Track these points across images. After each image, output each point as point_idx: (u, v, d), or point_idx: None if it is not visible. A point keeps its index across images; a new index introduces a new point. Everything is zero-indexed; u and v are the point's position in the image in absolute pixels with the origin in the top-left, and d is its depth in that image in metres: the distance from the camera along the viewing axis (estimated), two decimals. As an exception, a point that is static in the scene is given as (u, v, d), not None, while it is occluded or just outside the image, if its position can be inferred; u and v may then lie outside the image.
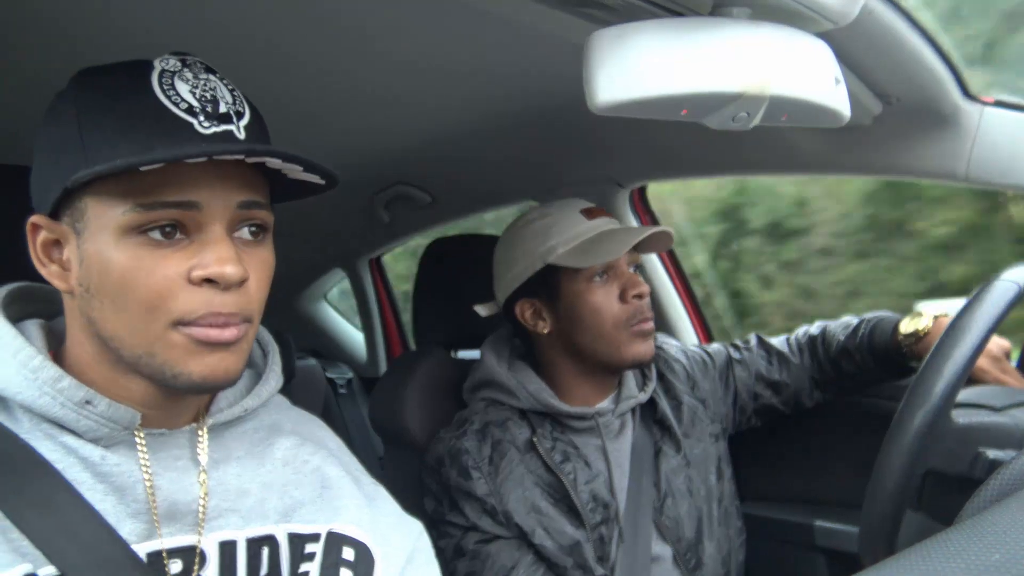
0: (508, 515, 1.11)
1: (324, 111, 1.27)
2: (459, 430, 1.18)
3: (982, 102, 1.07)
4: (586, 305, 1.16)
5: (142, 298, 0.61)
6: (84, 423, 0.64)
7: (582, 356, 1.19)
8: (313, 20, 0.95)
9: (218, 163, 0.62)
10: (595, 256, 1.13)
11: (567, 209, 1.21)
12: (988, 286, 0.82)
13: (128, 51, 0.80)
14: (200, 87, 0.64)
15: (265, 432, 0.77)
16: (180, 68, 0.64)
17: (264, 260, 0.68)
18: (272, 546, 0.70)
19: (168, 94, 0.63)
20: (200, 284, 0.62)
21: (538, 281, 1.19)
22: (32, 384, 0.63)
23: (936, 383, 0.77)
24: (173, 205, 0.61)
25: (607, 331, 1.16)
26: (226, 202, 0.63)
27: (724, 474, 1.27)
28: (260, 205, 0.66)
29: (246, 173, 0.65)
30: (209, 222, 0.63)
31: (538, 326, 1.21)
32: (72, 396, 0.63)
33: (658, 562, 1.16)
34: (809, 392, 1.34)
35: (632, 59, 0.63)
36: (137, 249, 0.61)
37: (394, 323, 2.56)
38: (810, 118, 0.74)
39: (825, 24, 0.70)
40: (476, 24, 0.97)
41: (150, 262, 0.61)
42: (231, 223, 0.64)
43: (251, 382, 0.77)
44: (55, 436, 0.64)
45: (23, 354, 0.63)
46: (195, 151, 0.59)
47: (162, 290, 0.61)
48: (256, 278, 0.66)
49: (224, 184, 0.63)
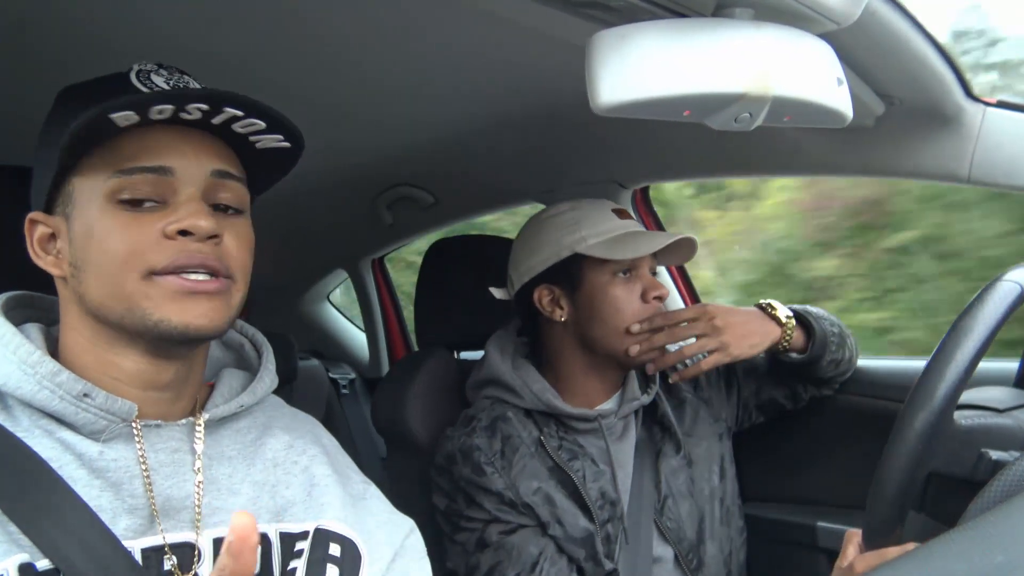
0: (528, 506, 1.12)
1: (326, 112, 1.28)
2: (468, 427, 1.19)
3: (985, 103, 1.07)
4: (607, 298, 1.18)
5: (118, 255, 0.65)
6: (83, 416, 0.65)
7: (593, 349, 1.20)
8: (315, 21, 0.95)
9: (187, 132, 0.67)
10: (624, 251, 1.16)
11: (599, 205, 1.23)
12: (991, 286, 0.82)
13: (128, 50, 0.80)
14: (175, 79, 0.70)
15: (258, 432, 0.78)
16: (157, 68, 0.71)
17: (241, 231, 0.71)
18: (265, 544, 0.71)
19: (143, 82, 0.68)
20: (174, 237, 0.66)
21: (561, 269, 1.20)
22: (31, 378, 0.65)
23: (939, 384, 0.76)
24: (148, 170, 0.66)
25: (623, 327, 1.17)
26: (199, 169, 0.68)
27: (727, 474, 1.27)
28: (234, 177, 0.70)
29: (215, 143, 0.70)
30: (183, 186, 0.67)
31: (555, 313, 1.22)
32: (71, 389, 0.65)
33: (660, 563, 1.16)
34: (804, 386, 1.34)
35: (635, 60, 0.63)
36: (117, 216, 0.66)
37: (396, 324, 2.56)
38: (813, 119, 0.74)
39: (828, 25, 0.70)
40: (479, 25, 0.97)
41: (129, 224, 0.66)
42: (206, 191, 0.68)
43: (247, 382, 0.79)
44: (53, 432, 0.66)
45: (23, 350, 0.65)
46: (156, 96, 0.64)
47: (136, 245, 0.65)
48: (234, 242, 0.70)
49: (196, 151, 0.68)
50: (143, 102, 0.62)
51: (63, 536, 0.60)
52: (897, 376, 1.37)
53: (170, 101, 0.63)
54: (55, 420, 0.66)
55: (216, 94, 0.65)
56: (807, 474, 1.44)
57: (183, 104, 0.64)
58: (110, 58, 0.71)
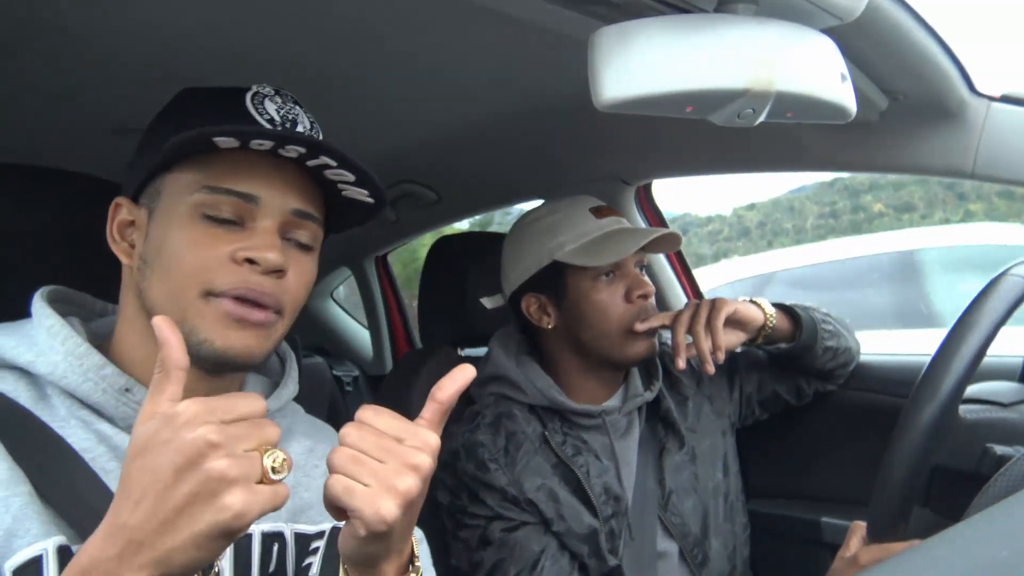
0: (531, 503, 1.12)
1: (330, 109, 1.27)
2: (472, 423, 1.19)
3: (988, 97, 1.06)
4: (591, 303, 1.17)
5: (185, 268, 0.67)
6: (123, 410, 0.68)
7: (586, 352, 1.20)
8: (319, 19, 0.95)
9: (280, 165, 0.69)
10: (602, 256, 1.14)
11: (576, 207, 1.21)
12: (996, 281, 0.82)
13: (130, 52, 0.80)
14: (285, 110, 0.73)
15: (280, 436, 0.78)
16: (272, 94, 0.73)
17: (306, 268, 0.74)
18: (281, 543, 0.73)
19: (256, 107, 0.71)
20: (241, 264, 0.67)
21: (545, 277, 1.20)
22: (77, 370, 0.67)
23: (943, 379, 0.76)
24: (236, 194, 0.68)
25: (611, 329, 1.16)
26: (283, 204, 0.70)
27: (731, 469, 1.28)
28: (313, 218, 0.73)
29: (304, 182, 0.72)
30: (263, 217, 0.69)
31: (543, 321, 1.22)
32: (114, 383, 0.67)
33: (664, 558, 1.16)
34: (807, 379, 1.34)
35: (637, 56, 0.63)
36: (195, 229, 0.68)
37: (400, 321, 2.56)
38: (816, 114, 0.74)
39: (831, 20, 0.70)
40: (481, 22, 0.97)
41: (203, 240, 0.67)
42: (283, 226, 0.71)
43: (269, 389, 0.82)
44: (91, 424, 0.67)
45: (71, 342, 0.68)
46: (260, 132, 0.65)
47: (204, 263, 0.67)
48: (295, 278, 0.72)
49: (284, 186, 0.70)
50: (247, 134, 0.64)
51: (96, 524, 0.62)
52: (901, 371, 1.37)
53: (273, 139, 0.65)
54: (94, 412, 0.68)
55: (315, 143, 0.67)
56: (811, 470, 1.44)
57: (284, 144, 0.66)
58: (114, 61, 0.71)
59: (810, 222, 7.63)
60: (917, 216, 6.30)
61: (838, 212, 7.47)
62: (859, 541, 0.87)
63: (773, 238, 7.67)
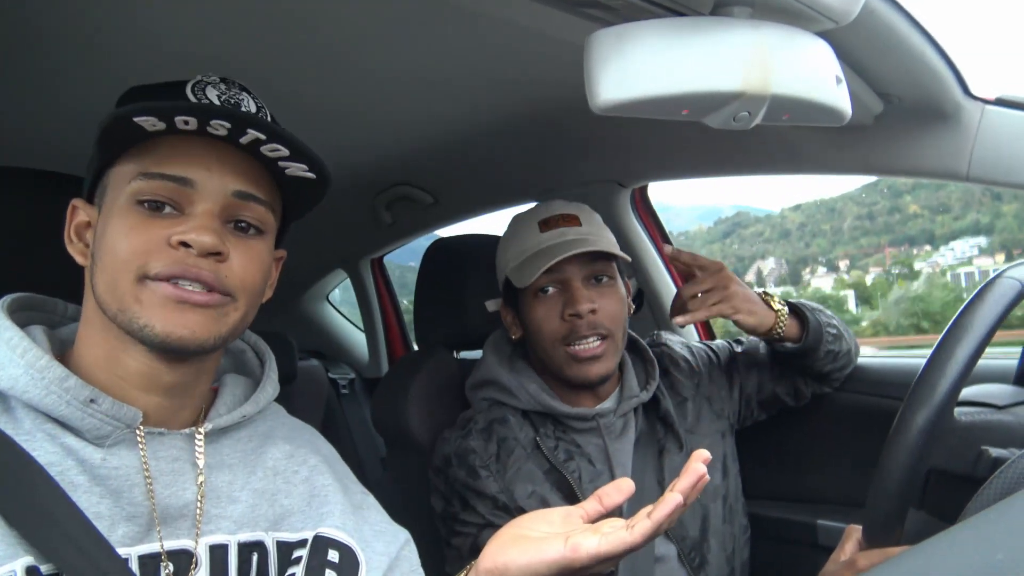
0: (522, 510, 1.11)
1: (327, 112, 1.28)
2: (464, 430, 1.19)
3: (983, 100, 1.07)
4: (529, 319, 1.19)
5: (121, 255, 0.66)
6: (88, 421, 0.65)
7: (543, 367, 1.21)
8: (316, 23, 0.95)
9: (217, 147, 0.68)
10: (523, 276, 1.15)
11: (527, 220, 1.22)
12: (991, 283, 0.82)
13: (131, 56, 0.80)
14: (228, 95, 0.71)
15: (259, 440, 0.78)
16: (217, 81, 0.71)
17: (256, 252, 0.72)
18: (261, 552, 0.72)
19: (196, 95, 0.69)
20: (176, 247, 0.66)
21: (507, 289, 1.23)
22: (39, 383, 0.64)
23: (939, 381, 0.76)
24: (170, 178, 0.67)
25: (547, 347, 1.17)
26: (221, 187, 0.69)
27: (730, 471, 1.27)
28: (258, 200, 0.71)
29: (248, 164, 0.70)
30: (201, 201, 0.68)
31: (513, 331, 1.24)
32: (78, 395, 0.65)
33: (663, 561, 1.16)
34: (805, 380, 1.34)
35: (633, 59, 0.63)
36: (131, 216, 0.67)
37: (396, 323, 2.56)
38: (811, 117, 0.74)
39: (826, 23, 0.70)
40: (477, 26, 0.97)
41: (138, 226, 0.67)
42: (225, 209, 0.69)
43: (249, 390, 0.80)
44: (56, 437, 0.65)
45: (31, 354, 0.65)
46: (175, 107, 0.64)
47: (139, 248, 0.66)
48: (242, 262, 0.70)
49: (221, 168, 0.69)
50: (167, 110, 0.63)
51: (63, 542, 0.60)
52: (897, 373, 1.37)
53: (193, 114, 0.64)
54: (59, 425, 0.66)
55: (239, 115, 0.66)
56: (808, 472, 1.44)
57: (206, 118, 0.65)
58: (113, 64, 0.71)
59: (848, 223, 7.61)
60: (950, 218, 6.30)
61: (875, 214, 7.46)
62: (854, 545, 0.87)
63: (811, 239, 7.65)
